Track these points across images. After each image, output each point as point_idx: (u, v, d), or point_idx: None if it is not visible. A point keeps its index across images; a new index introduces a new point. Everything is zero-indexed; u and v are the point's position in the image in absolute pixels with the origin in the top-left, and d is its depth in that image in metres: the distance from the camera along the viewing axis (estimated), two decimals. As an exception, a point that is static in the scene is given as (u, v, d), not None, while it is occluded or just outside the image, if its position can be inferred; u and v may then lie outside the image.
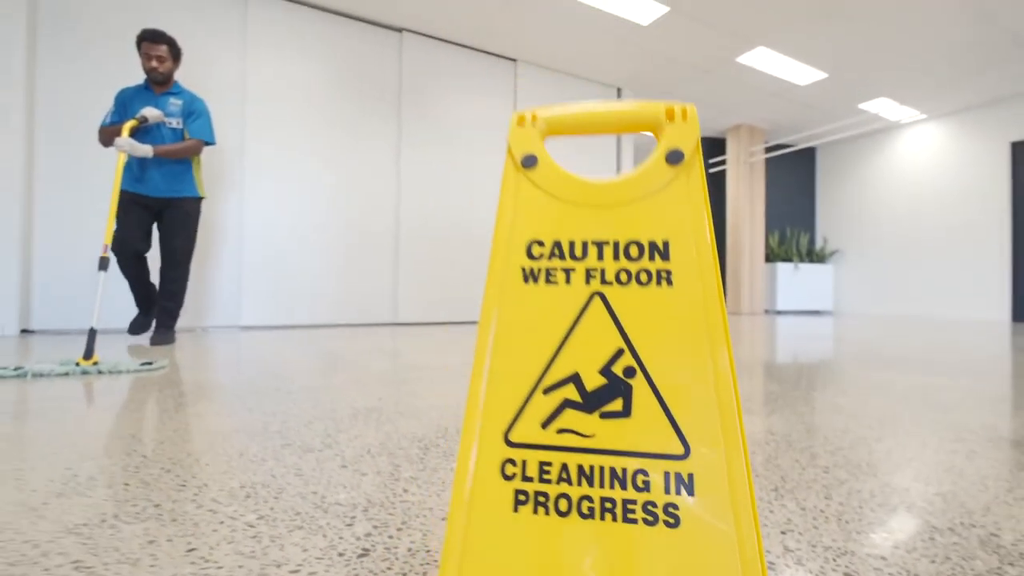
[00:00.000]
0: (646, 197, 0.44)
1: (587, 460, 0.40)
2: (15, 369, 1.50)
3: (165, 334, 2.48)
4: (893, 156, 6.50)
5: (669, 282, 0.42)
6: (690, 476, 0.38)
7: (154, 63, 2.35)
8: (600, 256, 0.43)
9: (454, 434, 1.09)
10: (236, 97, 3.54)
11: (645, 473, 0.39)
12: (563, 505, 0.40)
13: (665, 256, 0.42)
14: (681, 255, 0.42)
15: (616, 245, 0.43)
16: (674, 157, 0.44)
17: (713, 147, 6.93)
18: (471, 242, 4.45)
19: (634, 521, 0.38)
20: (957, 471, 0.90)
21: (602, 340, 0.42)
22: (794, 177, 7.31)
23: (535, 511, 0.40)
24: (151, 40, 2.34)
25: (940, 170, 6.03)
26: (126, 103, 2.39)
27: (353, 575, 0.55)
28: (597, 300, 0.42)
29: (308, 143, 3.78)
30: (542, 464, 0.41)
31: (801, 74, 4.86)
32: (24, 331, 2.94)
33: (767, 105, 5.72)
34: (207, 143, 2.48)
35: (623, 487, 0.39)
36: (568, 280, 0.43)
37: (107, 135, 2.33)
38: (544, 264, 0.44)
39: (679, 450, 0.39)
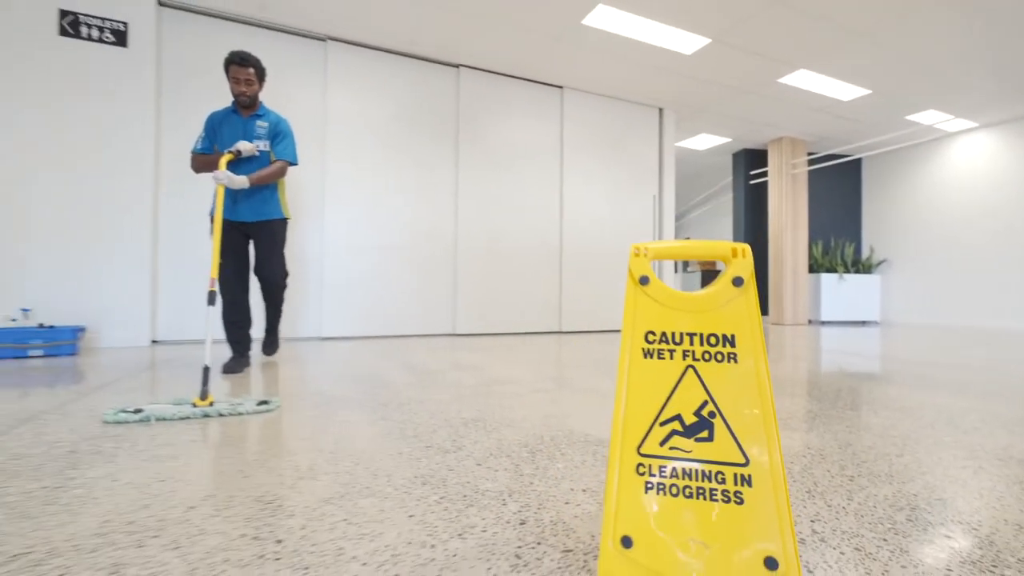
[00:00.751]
0: (721, 307, 0.73)
1: (687, 465, 0.69)
2: (135, 411, 1.50)
3: (274, 342, 2.75)
4: (943, 165, 6.40)
5: (735, 360, 0.70)
6: (749, 476, 0.67)
7: (242, 87, 2.35)
8: (691, 342, 0.72)
9: (549, 441, 1.39)
10: (318, 129, 3.99)
11: (722, 473, 0.68)
12: (673, 491, 0.69)
13: (733, 344, 0.71)
14: (743, 343, 0.71)
15: (702, 336, 0.72)
16: (738, 282, 0.73)
17: (755, 158, 7.00)
18: (521, 257, 4.77)
19: (716, 500, 0.67)
20: (961, 482, 1.14)
21: (694, 395, 0.71)
22: (839, 187, 7.27)
23: (657, 493, 0.69)
24: (239, 63, 2.33)
25: (992, 179, 5.91)
26: (216, 127, 2.42)
27: (519, 535, 0.86)
28: (691, 371, 0.72)
29: (378, 170, 4.20)
30: (660, 467, 0.70)
31: (844, 91, 4.94)
32: (154, 341, 3.46)
33: (809, 119, 5.78)
34: (291, 164, 2.49)
35: (709, 480, 0.68)
36: (671, 357, 0.73)
37: (199, 163, 2.40)
38: (656, 347, 0.74)
39: (742, 460, 0.68)
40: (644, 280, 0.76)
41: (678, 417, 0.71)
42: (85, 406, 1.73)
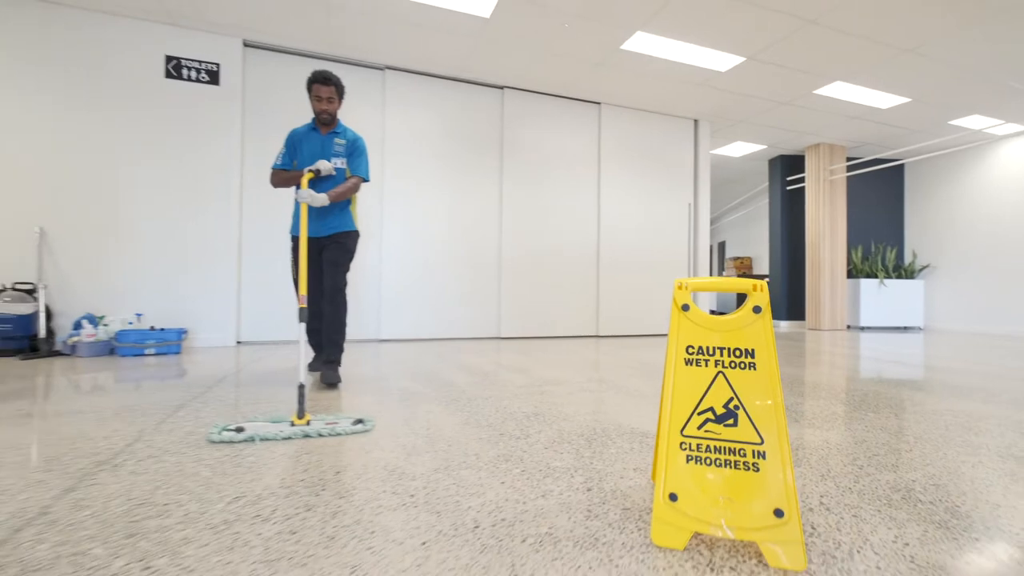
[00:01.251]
0: (744, 328, 0.99)
1: (717, 443, 0.96)
2: (237, 430, 1.53)
3: (335, 372, 2.41)
4: (990, 169, 6.26)
5: (754, 368, 0.96)
6: (764, 451, 0.93)
7: (324, 104, 2.41)
8: (721, 354, 0.99)
9: (601, 432, 1.67)
10: (376, 148, 4.38)
11: (744, 450, 0.94)
12: (707, 461, 0.96)
13: (753, 356, 0.97)
14: (761, 356, 0.97)
15: (729, 349, 0.99)
16: (757, 309, 0.99)
17: (792, 164, 7.03)
18: (561, 264, 5.04)
19: (738, 468, 0.94)
20: (958, 474, 1.34)
21: (723, 393, 0.97)
22: (880, 192, 7.19)
23: (696, 464, 0.96)
24: (322, 82, 2.39)
25: (1045, 184, 5.76)
26: (296, 144, 2.48)
27: (587, 498, 1.15)
28: (721, 376, 0.98)
29: (429, 184, 4.56)
30: (698, 444, 0.97)
31: (882, 100, 4.97)
32: (238, 342, 3.93)
33: (847, 126, 5.81)
34: (364, 180, 2.52)
35: (733, 455, 0.95)
36: (706, 365, 0.99)
37: (279, 178, 2.47)
38: (695, 357, 1.01)
39: (758, 440, 0.94)
40: (685, 307, 1.03)
41: (711, 409, 0.98)
42: (216, 396, 2.12)
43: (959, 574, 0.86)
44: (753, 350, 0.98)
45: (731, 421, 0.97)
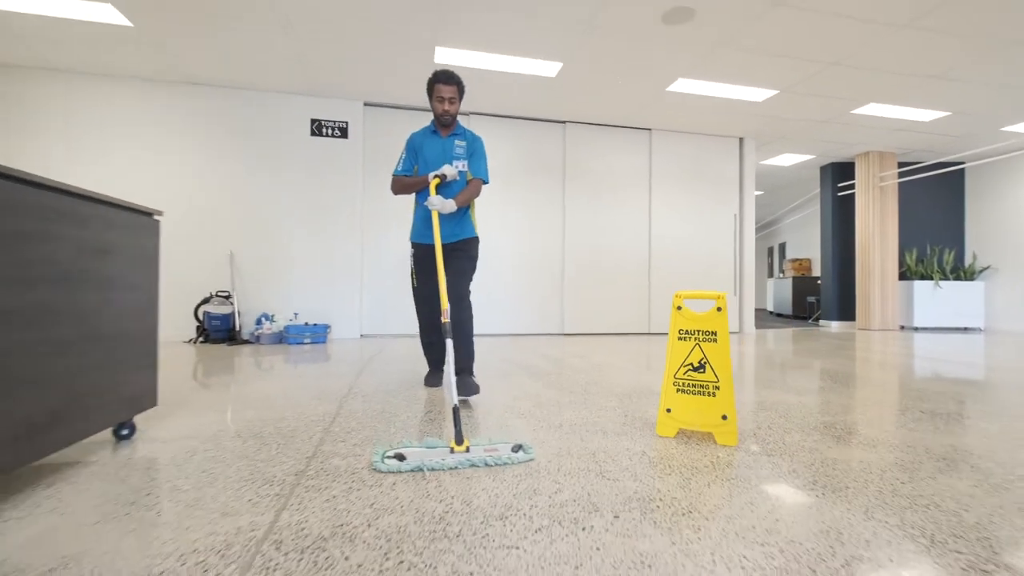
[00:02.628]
0: (710, 319, 1.81)
1: (693, 382, 1.78)
2: (398, 457, 1.45)
3: (472, 382, 2.29)
4: (1053, 171, 6.26)
5: (715, 341, 1.78)
6: (718, 386, 1.74)
7: (446, 105, 2.35)
8: (698, 334, 1.81)
9: (634, 392, 2.49)
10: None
11: (707, 385, 1.76)
12: (688, 391, 1.79)
13: (715, 335, 1.79)
14: (720, 335, 1.78)
15: (702, 331, 1.81)
16: (719, 309, 1.81)
17: (843, 171, 7.31)
18: (616, 269, 5.81)
19: (704, 395, 1.76)
20: (866, 417, 2.05)
21: (697, 355, 1.80)
22: (938, 194, 7.29)
23: (682, 392, 1.79)
24: (445, 81, 2.33)
25: (1106, 187, 5.74)
26: (416, 148, 2.44)
27: (622, 418, 2.01)
28: (697, 346, 1.81)
29: (504, 204, 5.50)
30: (683, 382, 1.80)
31: (921, 115, 5.31)
32: (361, 335, 5.08)
33: (893, 137, 6.11)
34: (484, 182, 2.45)
35: (704, 388, 1.77)
36: (690, 339, 1.82)
37: (400, 185, 2.43)
38: (683, 335, 1.84)
39: (716, 380, 1.76)
40: (679, 308, 1.86)
41: (690, 363, 1.81)
42: (392, 369, 3.16)
43: (838, 457, 1.64)
44: (715, 332, 1.79)
45: (702, 370, 1.79)
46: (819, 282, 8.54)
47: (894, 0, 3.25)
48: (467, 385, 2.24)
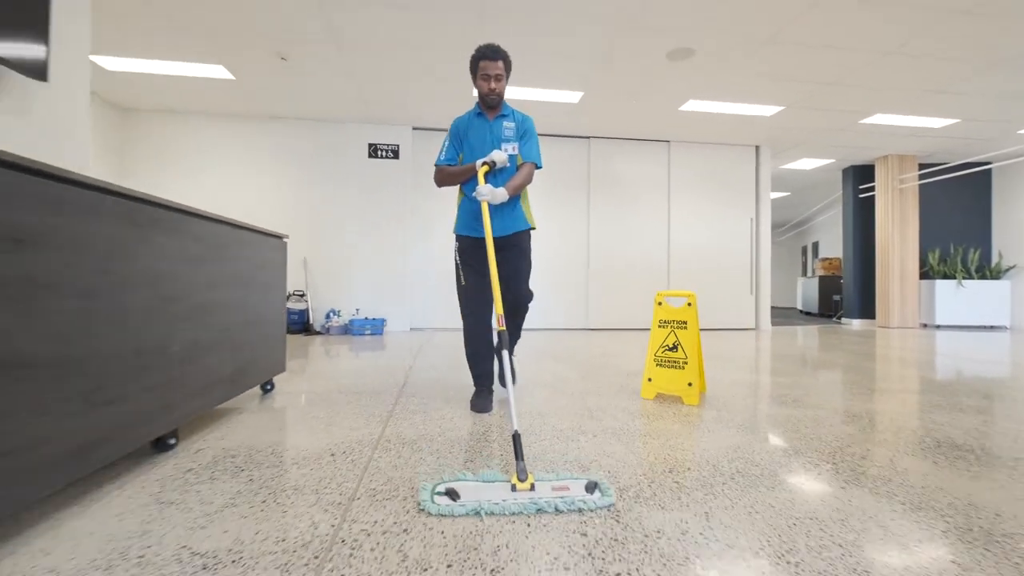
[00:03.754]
0: (683, 312, 2.42)
1: (669, 358, 2.39)
2: (450, 494, 1.24)
3: (513, 368, 2.28)
4: (1078, 171, 6.31)
5: (686, 328, 2.39)
6: (687, 361, 2.35)
7: (492, 83, 2.10)
8: (674, 324, 2.42)
9: (635, 372, 3.10)
10: (496, 195, 6.08)
11: (679, 360, 2.37)
12: (664, 365, 2.40)
13: (685, 324, 2.40)
14: (690, 324, 2.39)
15: (677, 321, 2.42)
16: (688, 304, 2.41)
17: (864, 173, 7.53)
18: (636, 270, 6.35)
19: (676, 368, 2.37)
20: (811, 386, 2.59)
21: (672, 339, 2.41)
22: (963, 194, 7.39)
23: (659, 366, 2.41)
24: (490, 57, 2.08)
25: None
26: (461, 134, 2.20)
27: (619, 386, 2.64)
28: (672, 332, 2.42)
29: (537, 210, 6.14)
30: (661, 358, 2.42)
31: (931, 122, 5.57)
32: (411, 328, 5.87)
33: (908, 142, 6.34)
34: (537, 167, 2.23)
35: (676, 363, 2.37)
36: (667, 327, 2.44)
37: (444, 175, 2.19)
38: (663, 323, 2.45)
39: (685, 357, 2.36)
40: (660, 303, 2.48)
41: (667, 345, 2.42)
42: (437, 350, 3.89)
43: (784, 419, 2.22)
44: (686, 321, 2.39)
45: (675, 350, 2.39)
46: (842, 281, 8.73)
47: (877, 30, 3.68)
48: (512, 372, 1.94)
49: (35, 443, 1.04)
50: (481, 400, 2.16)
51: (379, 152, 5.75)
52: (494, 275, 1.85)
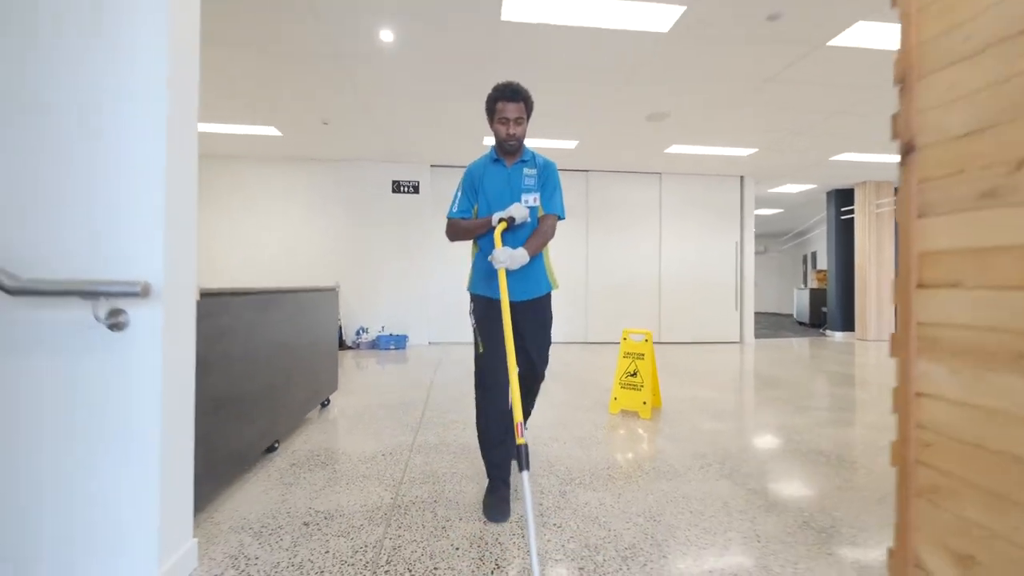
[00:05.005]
0: (641, 346, 3.15)
1: (630, 382, 3.12)
2: None
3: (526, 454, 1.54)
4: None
5: (643, 359, 3.12)
6: (643, 384, 3.07)
7: (511, 127, 1.84)
8: (635, 356, 3.15)
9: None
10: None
11: (637, 384, 3.09)
12: (627, 388, 3.13)
13: (643, 356, 3.13)
14: (647, 356, 3.12)
15: (636, 353, 3.15)
16: (646, 340, 3.14)
17: (846, 196, 8.10)
18: (631, 290, 7.05)
19: (635, 390, 3.09)
20: (747, 406, 3.30)
21: (633, 367, 3.14)
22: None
23: (623, 388, 3.14)
24: (509, 97, 1.82)
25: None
26: (476, 183, 1.94)
27: (592, 403, 3.37)
28: (633, 362, 3.14)
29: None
30: (625, 382, 3.14)
31: (895, 157, 6.14)
32: (430, 343, 6.66)
33: (883, 169, 6.92)
34: (560, 219, 1.98)
35: (634, 386, 3.10)
36: (630, 358, 3.17)
37: (456, 229, 1.95)
38: (627, 355, 3.18)
39: (642, 383, 3.09)
40: (625, 338, 3.21)
41: (629, 372, 3.14)
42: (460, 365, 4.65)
43: (708, 431, 2.95)
44: (643, 354, 3.12)
45: (635, 376, 3.12)
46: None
47: (826, 97, 4.33)
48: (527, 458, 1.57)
49: (229, 445, 1.83)
50: (495, 501, 1.76)
51: (401, 188, 6.55)
52: (510, 346, 1.62)
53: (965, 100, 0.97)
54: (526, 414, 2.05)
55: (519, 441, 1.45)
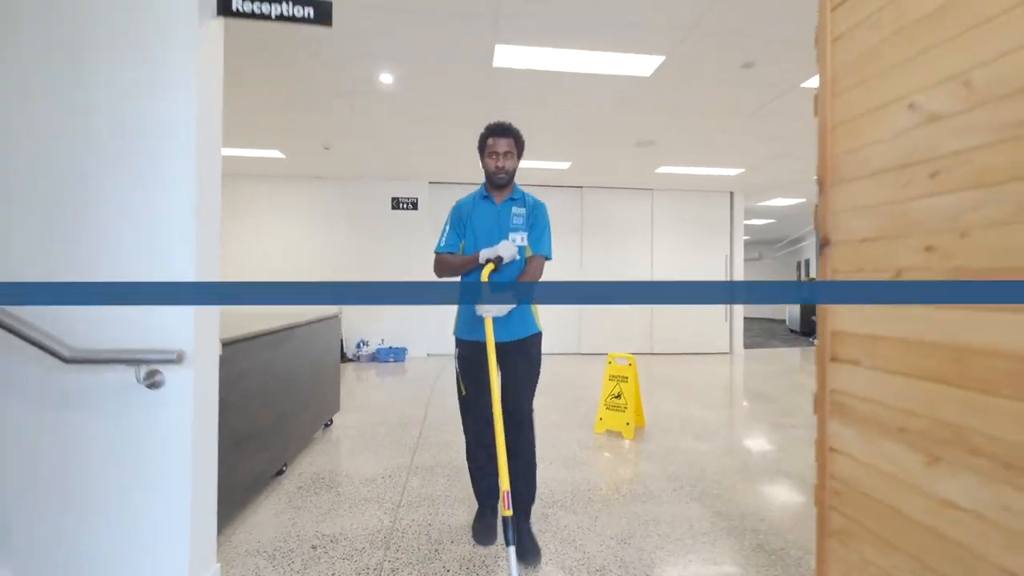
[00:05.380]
0: (625, 370, 3.35)
1: (615, 403, 3.32)
2: None
3: (532, 539, 1.83)
4: None
5: (627, 382, 3.32)
6: (627, 406, 3.28)
7: (501, 161, 1.90)
8: (620, 379, 3.35)
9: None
10: (500, 237, 7.04)
11: (621, 405, 3.29)
12: (612, 409, 3.33)
13: (627, 379, 3.33)
14: (630, 379, 3.32)
15: (621, 376, 3.35)
16: (629, 364, 3.34)
17: (835, 209, 8.30)
18: (625, 301, 7.25)
19: (619, 411, 3.29)
20: (718, 419, 3.50)
21: (617, 389, 3.34)
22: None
23: (608, 409, 3.34)
24: (500, 133, 1.90)
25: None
26: (464, 219, 1.99)
27: (579, 421, 3.58)
28: (618, 384, 3.35)
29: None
30: (610, 403, 3.34)
31: (881, 175, 6.35)
32: (429, 355, 6.85)
33: (870, 186, 7.11)
34: (547, 259, 1.98)
35: (620, 408, 3.30)
36: (615, 381, 3.37)
37: (443, 265, 1.98)
38: (612, 378, 3.38)
39: (626, 405, 3.29)
40: (610, 362, 3.41)
41: (614, 394, 3.35)
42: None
43: (687, 451, 3.15)
44: (627, 377, 3.32)
45: (619, 398, 3.32)
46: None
47: (800, 128, 4.52)
48: (529, 549, 1.78)
49: (245, 472, 2.03)
50: (482, 527, 1.93)
51: (401, 204, 6.75)
52: (495, 387, 1.66)
53: (865, 211, 1.18)
54: (527, 496, 1.89)
55: (504, 513, 1.45)
